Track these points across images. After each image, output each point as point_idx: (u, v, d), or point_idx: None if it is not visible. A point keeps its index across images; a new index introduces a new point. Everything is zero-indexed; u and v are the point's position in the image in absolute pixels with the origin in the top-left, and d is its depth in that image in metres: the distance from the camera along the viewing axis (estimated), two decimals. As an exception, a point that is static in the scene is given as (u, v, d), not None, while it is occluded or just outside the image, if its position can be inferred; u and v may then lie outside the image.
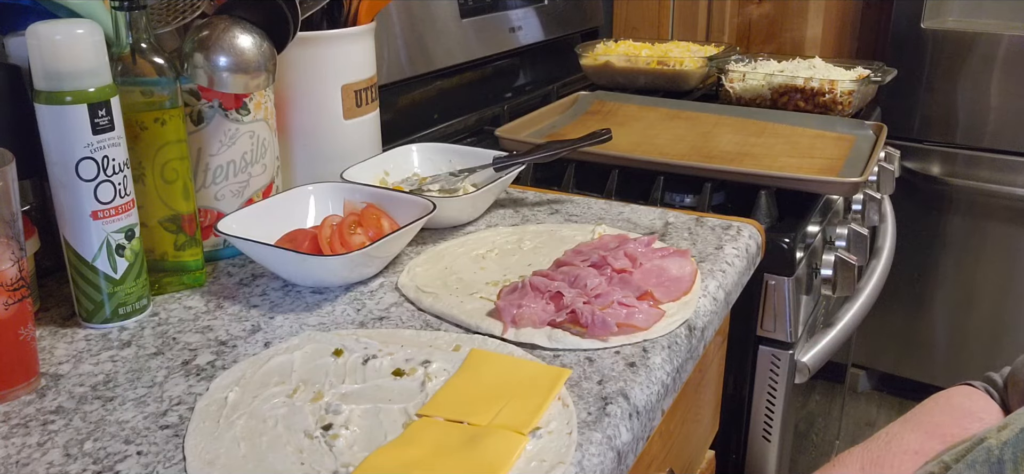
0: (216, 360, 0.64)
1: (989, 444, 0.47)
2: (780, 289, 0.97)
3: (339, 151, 0.93)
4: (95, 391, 0.60)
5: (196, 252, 0.76)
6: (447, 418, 0.55)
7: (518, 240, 0.85)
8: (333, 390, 0.59)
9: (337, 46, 0.90)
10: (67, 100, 0.62)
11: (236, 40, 0.75)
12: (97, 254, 0.66)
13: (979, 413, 0.65)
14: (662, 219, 0.92)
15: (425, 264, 0.80)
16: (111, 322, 0.69)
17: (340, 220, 0.79)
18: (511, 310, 0.67)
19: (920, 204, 2.00)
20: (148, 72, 0.70)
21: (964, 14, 1.95)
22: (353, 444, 0.53)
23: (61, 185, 0.65)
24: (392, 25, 1.25)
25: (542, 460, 0.51)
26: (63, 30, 0.62)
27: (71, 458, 0.53)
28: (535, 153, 0.97)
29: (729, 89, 1.51)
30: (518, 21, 1.58)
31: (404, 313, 0.72)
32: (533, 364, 0.62)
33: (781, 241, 0.95)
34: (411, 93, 1.36)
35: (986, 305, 1.97)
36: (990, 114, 1.88)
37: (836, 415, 1.67)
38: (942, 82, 1.91)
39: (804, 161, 1.11)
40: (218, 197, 0.80)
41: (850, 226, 1.12)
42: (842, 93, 1.41)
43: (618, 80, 1.61)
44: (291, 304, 0.73)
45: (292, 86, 0.89)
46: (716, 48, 1.68)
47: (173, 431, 0.56)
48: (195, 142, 0.78)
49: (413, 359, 0.63)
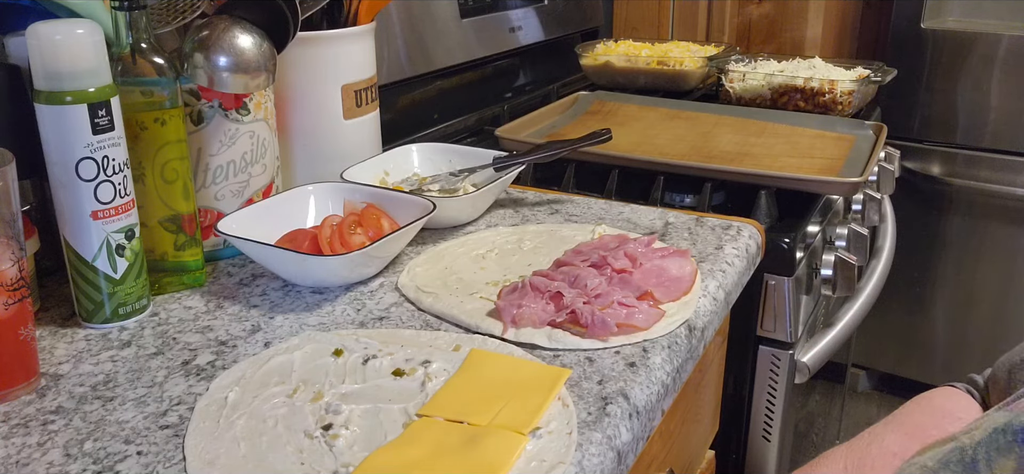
0: (216, 360, 0.64)
1: (962, 443, 0.47)
2: (780, 289, 0.97)
3: (339, 151, 0.93)
4: (95, 391, 0.60)
5: (196, 252, 0.76)
6: (447, 418, 0.55)
7: (518, 240, 0.85)
8: (333, 390, 0.59)
9: (337, 46, 0.90)
10: (67, 100, 0.62)
11: (236, 40, 0.75)
12: (97, 254, 0.66)
13: (959, 413, 0.65)
14: (662, 219, 0.92)
15: (425, 264, 0.80)
16: (111, 322, 0.69)
17: (340, 220, 0.79)
18: (511, 310, 0.67)
19: (920, 204, 2.00)
20: (148, 72, 0.70)
21: (964, 14, 1.95)
22: (353, 444, 0.53)
23: (61, 185, 0.65)
24: (392, 25, 1.25)
25: (542, 460, 0.51)
26: (63, 30, 0.62)
27: (71, 458, 0.53)
28: (535, 153, 0.97)
29: (729, 89, 1.51)
30: (518, 21, 1.58)
31: (404, 313, 0.72)
32: (533, 364, 0.62)
33: (781, 241, 0.95)
34: (411, 93, 1.36)
35: (986, 305, 1.97)
36: (990, 114, 1.88)
37: (836, 415, 1.67)
38: (942, 82, 1.91)
39: (804, 161, 1.11)
40: (218, 197, 0.80)
41: (850, 226, 1.12)
42: (842, 93, 1.41)
43: (618, 80, 1.61)
44: (291, 304, 0.73)
45: (292, 86, 0.89)
46: (716, 48, 1.68)
47: (173, 431, 0.56)
48: (195, 142, 0.78)
49: (413, 359, 0.63)
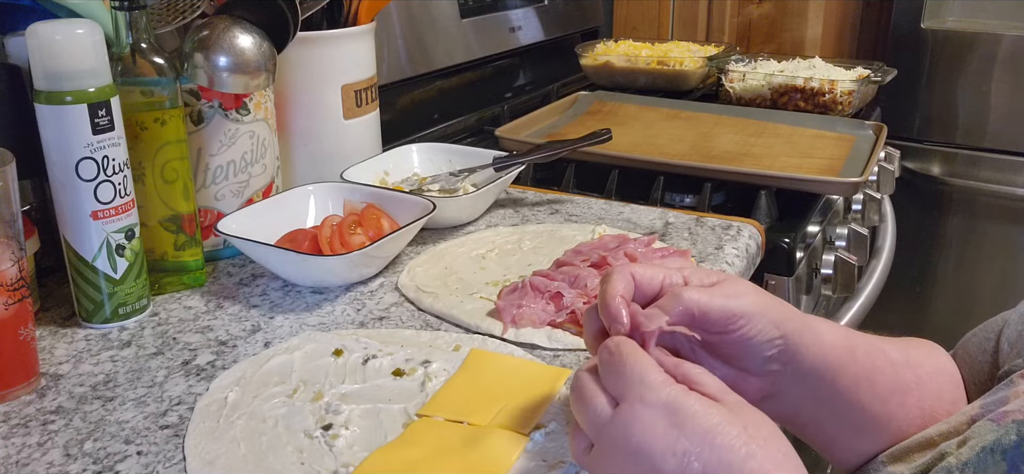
0: (216, 360, 0.64)
1: (949, 464, 0.46)
2: (780, 289, 0.97)
3: (339, 151, 0.93)
4: (95, 391, 0.60)
5: (196, 252, 0.76)
6: (447, 418, 0.55)
7: (518, 240, 0.85)
8: (333, 390, 0.59)
9: (337, 46, 0.90)
10: (67, 100, 0.62)
11: (236, 40, 0.75)
12: (97, 254, 0.66)
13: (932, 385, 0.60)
14: (662, 219, 0.92)
15: (425, 264, 0.80)
16: (111, 322, 0.69)
17: (340, 220, 0.79)
18: (511, 310, 0.67)
19: (920, 204, 2.00)
20: (148, 72, 0.70)
21: (964, 14, 1.94)
22: (353, 444, 0.53)
23: (61, 185, 0.65)
24: (392, 25, 1.25)
25: (542, 460, 0.51)
26: (63, 30, 0.62)
27: (71, 458, 0.53)
28: (535, 153, 0.97)
29: (729, 89, 1.50)
30: (518, 21, 1.58)
31: (404, 313, 0.72)
32: (533, 364, 0.62)
33: (781, 241, 0.95)
34: (411, 93, 1.36)
35: (986, 305, 1.97)
36: (990, 114, 1.88)
37: (836, 415, 1.66)
38: (942, 82, 1.90)
39: (804, 161, 1.11)
40: (218, 197, 0.80)
41: (850, 226, 1.12)
42: (842, 93, 1.41)
43: (618, 80, 1.61)
44: (291, 304, 0.73)
45: (292, 86, 0.89)
46: (716, 48, 1.68)
47: (173, 431, 0.56)
48: (195, 142, 0.78)
49: (413, 359, 0.63)
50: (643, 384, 0.43)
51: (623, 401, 0.43)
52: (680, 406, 0.42)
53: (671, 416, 0.42)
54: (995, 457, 0.44)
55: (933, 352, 0.61)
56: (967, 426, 0.49)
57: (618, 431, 0.43)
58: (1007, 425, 0.44)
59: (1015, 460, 0.43)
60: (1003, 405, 0.47)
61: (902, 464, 0.53)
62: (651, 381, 0.43)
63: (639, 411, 0.42)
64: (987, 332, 0.61)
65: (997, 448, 0.44)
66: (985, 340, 0.60)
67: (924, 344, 0.62)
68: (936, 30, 1.89)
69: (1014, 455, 0.43)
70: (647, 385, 0.43)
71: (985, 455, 0.44)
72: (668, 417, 0.42)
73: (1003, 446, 0.44)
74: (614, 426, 0.43)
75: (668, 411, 0.42)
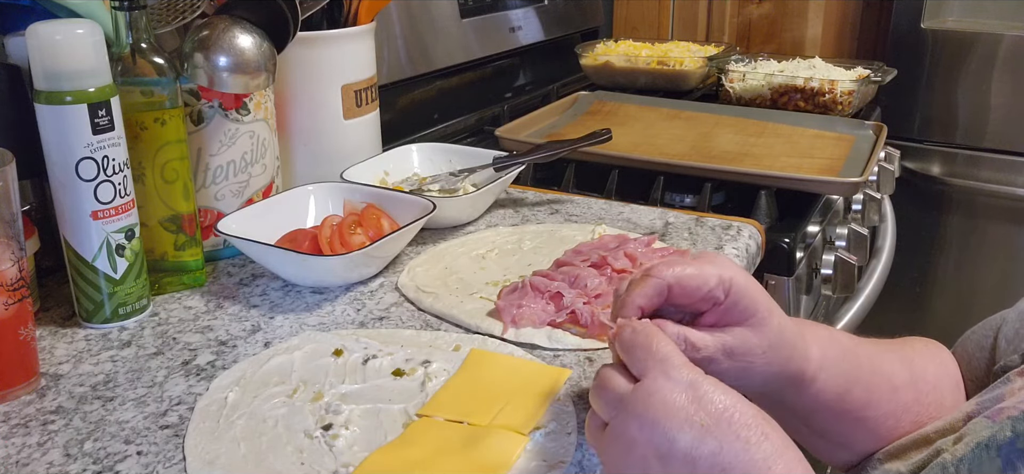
0: (216, 360, 0.64)
1: (945, 460, 0.46)
2: (780, 289, 0.97)
3: (339, 151, 0.93)
4: (95, 391, 0.60)
5: (196, 252, 0.76)
6: (447, 418, 0.55)
7: (518, 240, 0.85)
8: (333, 390, 0.59)
9: (337, 46, 0.90)
10: (67, 100, 0.62)
11: (236, 40, 0.75)
12: (97, 254, 0.66)
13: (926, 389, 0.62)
14: (662, 219, 0.92)
15: (425, 264, 0.80)
16: (111, 322, 0.69)
17: (340, 220, 0.79)
18: (511, 310, 0.67)
19: (920, 204, 2.00)
20: (148, 72, 0.70)
21: (964, 14, 1.94)
22: (353, 444, 0.53)
23: (61, 185, 0.65)
24: (392, 25, 1.25)
25: (542, 460, 0.51)
26: (63, 30, 0.62)
27: (71, 458, 0.53)
28: (535, 153, 0.97)
29: (729, 89, 1.50)
30: (518, 21, 1.58)
31: (404, 313, 0.72)
32: (533, 364, 0.62)
33: (781, 241, 0.95)
34: (411, 93, 1.36)
35: (986, 305, 1.96)
36: (990, 114, 1.87)
37: (836, 415, 1.66)
38: (942, 82, 1.90)
39: (804, 161, 1.11)
40: (218, 197, 0.80)
41: (850, 226, 1.12)
42: (842, 93, 1.41)
43: (618, 80, 1.61)
44: (291, 304, 0.73)
45: (292, 86, 0.89)
46: (716, 48, 1.68)
47: (173, 431, 0.56)
48: (195, 142, 0.78)
49: (413, 359, 0.63)
50: (667, 361, 0.45)
51: (645, 376, 0.45)
52: (700, 385, 0.45)
53: (692, 391, 0.44)
54: (990, 453, 0.44)
55: (936, 354, 0.62)
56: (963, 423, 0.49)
57: (639, 401, 0.45)
58: (1002, 422, 0.45)
59: (1010, 456, 0.43)
60: (999, 402, 0.47)
61: (898, 461, 0.53)
62: (676, 361, 0.46)
63: (661, 383, 0.45)
64: (986, 329, 0.61)
65: (992, 444, 0.44)
66: (984, 337, 0.61)
67: (928, 346, 0.62)
68: (936, 30, 1.89)
69: (1009, 451, 0.44)
70: (671, 363, 0.45)
71: (980, 451, 0.45)
72: (689, 392, 0.44)
73: (998, 442, 0.44)
74: (635, 396, 0.45)
75: (690, 387, 0.45)
